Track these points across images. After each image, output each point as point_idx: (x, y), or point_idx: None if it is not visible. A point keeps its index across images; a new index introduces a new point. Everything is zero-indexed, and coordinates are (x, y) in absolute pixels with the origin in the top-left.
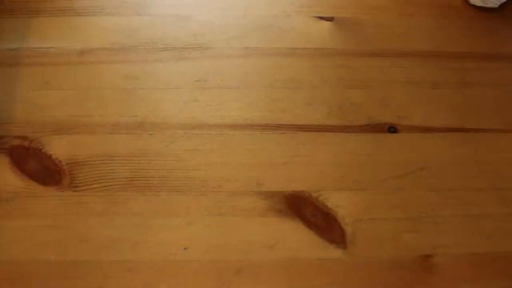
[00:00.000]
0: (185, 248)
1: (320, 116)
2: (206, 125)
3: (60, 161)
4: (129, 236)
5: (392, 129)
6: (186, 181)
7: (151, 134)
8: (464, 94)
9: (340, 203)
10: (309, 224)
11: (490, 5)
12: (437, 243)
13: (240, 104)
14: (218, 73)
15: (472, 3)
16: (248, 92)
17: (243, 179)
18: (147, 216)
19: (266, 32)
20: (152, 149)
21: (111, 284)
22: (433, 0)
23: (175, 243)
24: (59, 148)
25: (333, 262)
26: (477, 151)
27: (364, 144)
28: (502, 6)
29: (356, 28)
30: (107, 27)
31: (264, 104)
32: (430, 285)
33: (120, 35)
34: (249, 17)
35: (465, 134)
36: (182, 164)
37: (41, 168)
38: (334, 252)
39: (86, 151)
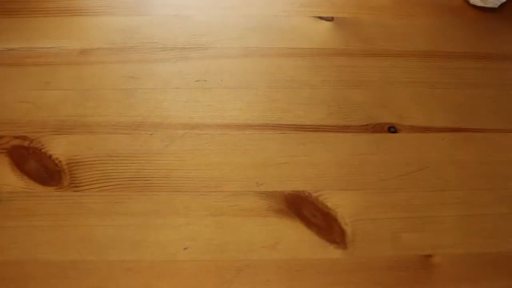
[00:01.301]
0: (185, 248)
1: (320, 116)
2: (206, 125)
3: (60, 161)
4: (129, 236)
5: (392, 129)
6: (186, 181)
7: (151, 134)
8: (464, 94)
9: (340, 203)
10: (309, 224)
11: (490, 5)
12: (437, 243)
13: (240, 104)
14: (218, 73)
15: (472, 3)
16: (248, 92)
17: (243, 179)
18: (147, 216)
19: (266, 32)
20: (152, 149)
21: (111, 284)
22: (433, 0)
23: (175, 243)
24: (59, 148)
25: (333, 262)
26: (477, 151)
27: (364, 144)
28: (502, 6)
29: (356, 28)
30: (107, 27)
31: (264, 104)
32: (430, 285)
33: (120, 35)
34: (249, 17)
35: (465, 134)
36: (182, 164)
37: (41, 168)
38: (334, 252)
39: (86, 151)
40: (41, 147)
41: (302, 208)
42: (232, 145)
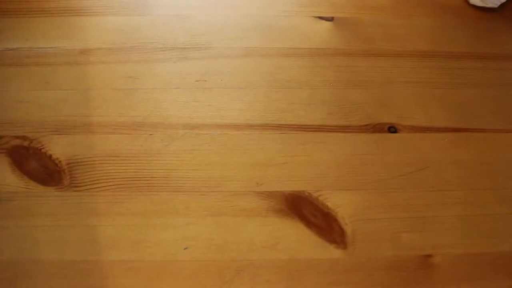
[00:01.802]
0: (185, 248)
1: (320, 116)
2: (206, 125)
3: (60, 161)
4: (129, 236)
5: (392, 129)
6: (186, 181)
7: (151, 134)
8: (464, 94)
9: (340, 203)
10: (309, 224)
11: (490, 5)
12: (437, 243)
13: (240, 104)
14: (218, 73)
15: (472, 3)
16: (248, 92)
17: (243, 179)
18: (147, 216)
19: (266, 32)
20: (152, 149)
21: (111, 284)
22: (433, 0)
23: (175, 243)
24: (59, 148)
25: (333, 262)
26: (477, 151)
27: (364, 144)
28: (502, 6)
29: (356, 28)
30: (107, 27)
31: (264, 104)
32: (430, 285)
33: (120, 35)
34: (249, 17)
35: (465, 134)
36: (182, 164)
37: (41, 168)
38: (334, 252)
39: (86, 151)
40: (41, 147)
41: (302, 208)
42: (232, 145)
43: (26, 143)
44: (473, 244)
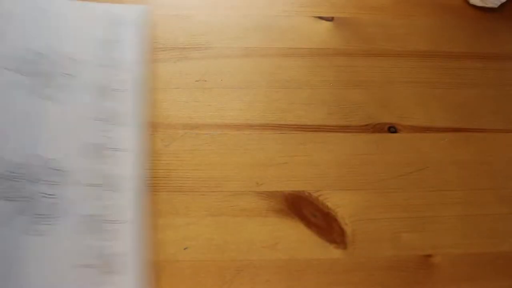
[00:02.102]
0: (185, 248)
1: (320, 116)
2: (206, 125)
3: None
4: None
5: (392, 129)
6: (186, 181)
7: (151, 134)
8: (464, 94)
9: (340, 203)
10: (309, 224)
11: (490, 5)
12: (437, 243)
13: (240, 104)
14: (218, 73)
15: (472, 3)
16: (248, 92)
17: (243, 179)
18: (147, 216)
19: (266, 32)
20: (152, 149)
21: None
22: (433, 0)
23: (175, 243)
24: None
25: (333, 262)
26: (477, 151)
27: (364, 144)
28: (502, 6)
29: (356, 28)
30: None
31: (264, 104)
32: (430, 285)
33: None
34: (249, 17)
35: (465, 134)
36: (182, 164)
37: None
38: (334, 252)
39: None
40: None
41: (302, 208)
42: (232, 145)
43: None
44: (473, 244)
